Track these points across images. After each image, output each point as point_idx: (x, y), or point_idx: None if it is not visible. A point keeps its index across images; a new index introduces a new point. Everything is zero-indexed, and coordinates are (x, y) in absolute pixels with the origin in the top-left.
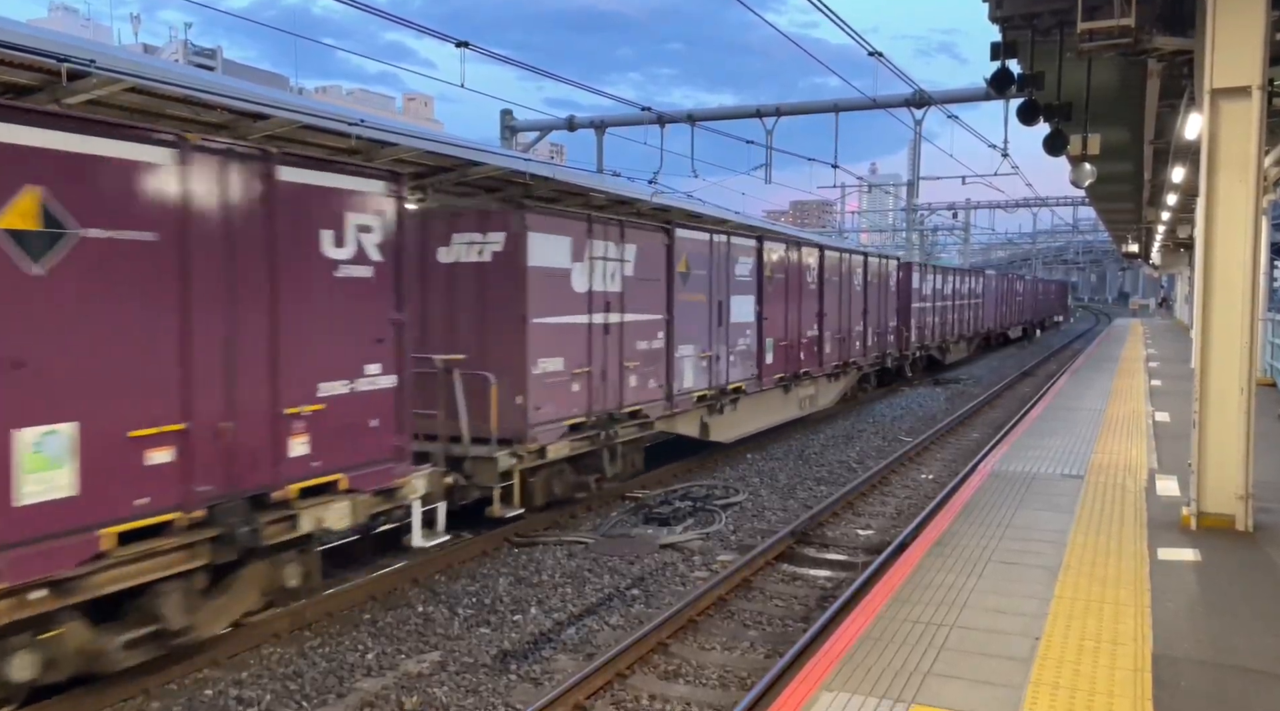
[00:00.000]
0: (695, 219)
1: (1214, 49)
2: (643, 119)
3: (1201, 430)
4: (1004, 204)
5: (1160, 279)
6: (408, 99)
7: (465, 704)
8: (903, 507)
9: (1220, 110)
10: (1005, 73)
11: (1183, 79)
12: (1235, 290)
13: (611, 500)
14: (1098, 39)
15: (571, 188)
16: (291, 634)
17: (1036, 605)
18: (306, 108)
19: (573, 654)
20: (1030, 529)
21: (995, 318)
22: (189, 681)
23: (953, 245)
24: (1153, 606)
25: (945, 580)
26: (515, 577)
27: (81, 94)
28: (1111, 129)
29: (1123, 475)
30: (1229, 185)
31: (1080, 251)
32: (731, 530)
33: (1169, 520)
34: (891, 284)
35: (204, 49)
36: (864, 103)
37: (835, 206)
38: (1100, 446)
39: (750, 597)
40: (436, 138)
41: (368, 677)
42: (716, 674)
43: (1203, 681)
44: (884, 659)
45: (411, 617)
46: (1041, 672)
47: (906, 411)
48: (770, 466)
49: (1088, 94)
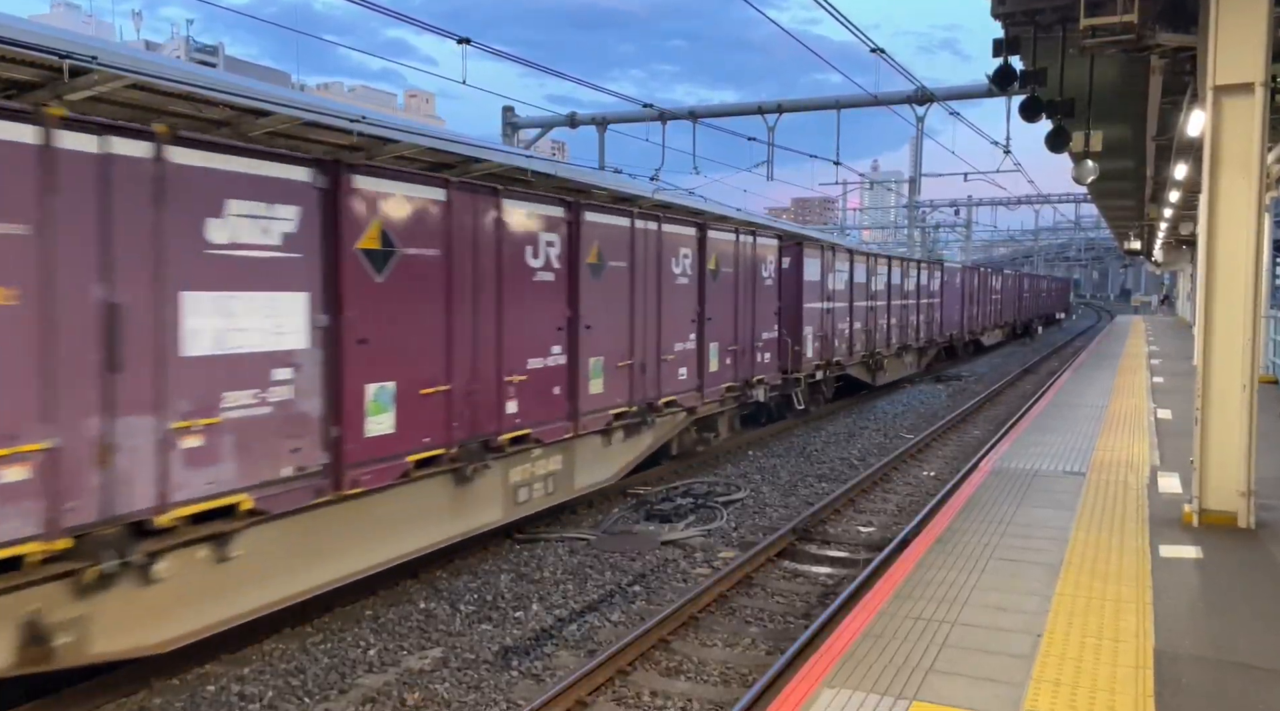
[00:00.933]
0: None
1: (1217, 45)
2: (644, 116)
3: (1204, 427)
4: (1006, 201)
5: (1162, 276)
6: (409, 96)
7: (467, 700)
8: (904, 504)
9: (1223, 107)
10: (1008, 69)
11: (1185, 75)
12: (1238, 287)
13: (613, 497)
14: (1100, 35)
15: (572, 184)
16: (294, 629)
17: (1038, 602)
18: (309, 104)
19: (574, 650)
20: (1032, 526)
21: (962, 321)
22: (191, 676)
23: (955, 242)
24: (1154, 603)
25: (947, 577)
26: (516, 574)
27: (83, 90)
28: (1114, 125)
29: (1124, 472)
30: (1231, 182)
31: (1082, 248)
32: (733, 527)
33: (1171, 517)
34: (767, 274)
35: (205, 46)
36: (866, 99)
37: (837, 203)
38: (1102, 443)
39: (752, 594)
40: (438, 134)
41: (370, 673)
42: (718, 670)
43: (1204, 678)
44: (885, 656)
45: (413, 614)
46: (1043, 669)
47: (908, 408)
48: (772, 463)
49: (1090, 90)
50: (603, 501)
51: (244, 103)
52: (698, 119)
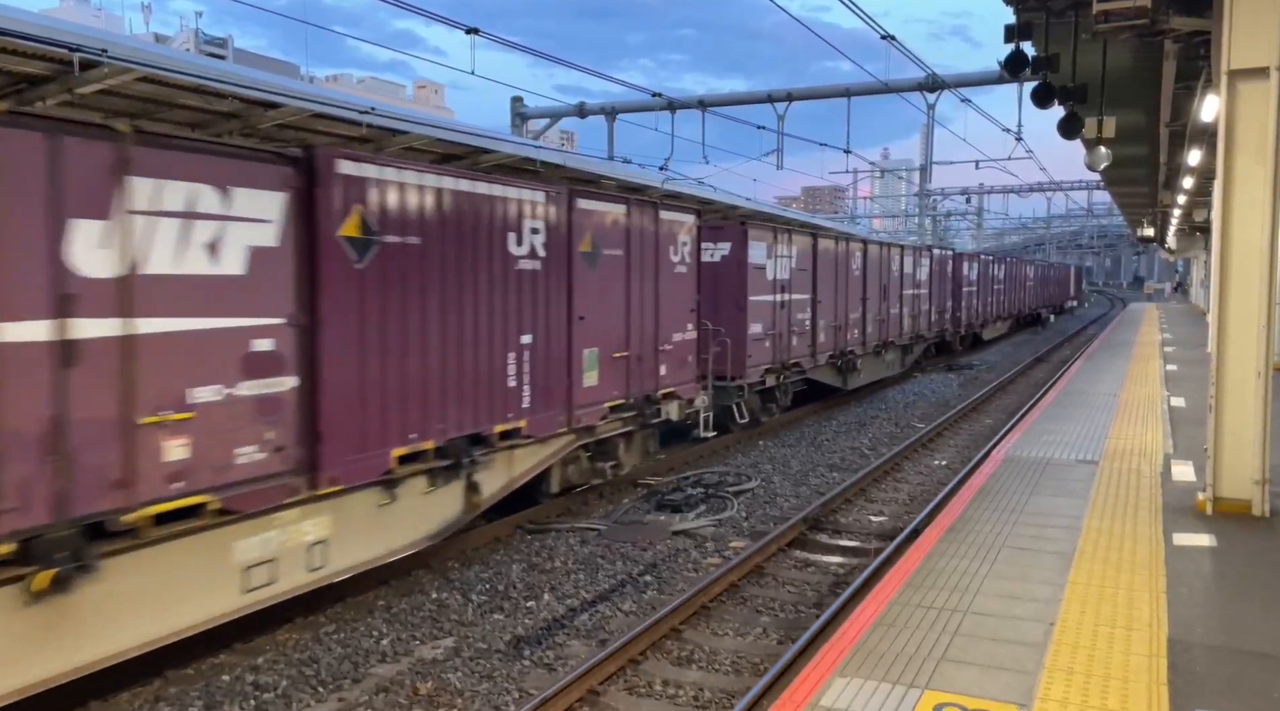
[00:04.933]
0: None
1: (1231, 29)
2: (653, 105)
3: (1218, 415)
4: (1018, 188)
5: (1175, 263)
6: (418, 87)
7: (479, 689)
8: (915, 494)
9: (1238, 92)
10: (1019, 55)
11: (1199, 60)
12: (1252, 274)
13: (623, 487)
14: (1113, 20)
15: (582, 174)
16: (306, 619)
17: (1051, 591)
18: (319, 96)
19: (585, 640)
20: (1044, 514)
21: (958, 313)
22: (206, 667)
23: (966, 230)
24: (1168, 591)
25: (959, 566)
26: (528, 564)
27: (94, 84)
28: (1127, 112)
29: (1138, 460)
30: (1246, 167)
31: (1095, 236)
32: (744, 516)
33: (1184, 505)
34: (678, 258)
35: (214, 38)
36: (876, 87)
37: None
38: (1115, 431)
39: (763, 584)
40: (447, 125)
41: (383, 663)
42: (729, 659)
43: (1218, 666)
44: (897, 644)
45: (425, 604)
46: (1056, 658)
47: (919, 397)
48: (783, 453)
49: (1103, 76)
50: (613, 492)
51: (253, 94)
52: (707, 108)
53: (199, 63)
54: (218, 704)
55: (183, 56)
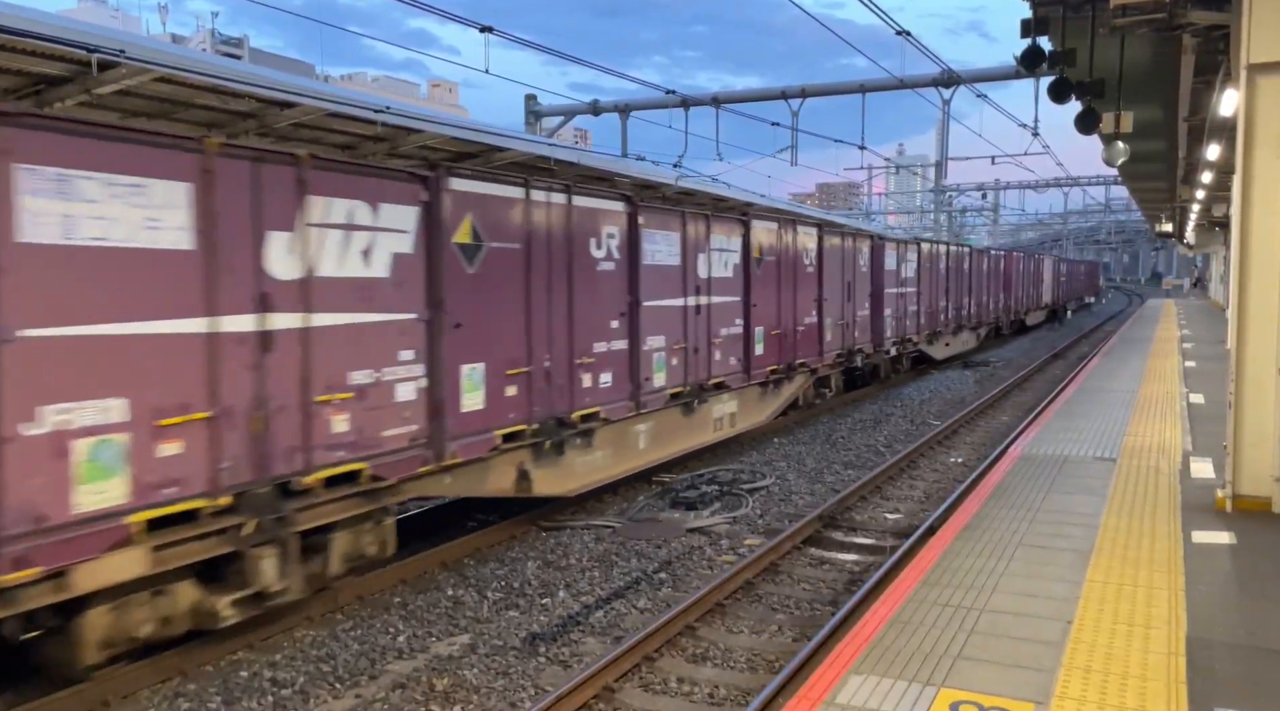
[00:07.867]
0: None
1: (1251, 23)
2: (667, 102)
3: (1237, 411)
4: (1034, 184)
5: (1194, 258)
6: (432, 85)
7: (495, 685)
8: (931, 491)
9: (1257, 86)
10: (1036, 50)
11: (1218, 54)
12: (1273, 269)
13: (638, 484)
14: (1131, 14)
15: (595, 172)
16: (324, 616)
17: (1068, 588)
18: (334, 95)
19: (601, 636)
20: (1061, 512)
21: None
22: (224, 663)
23: (982, 226)
24: (1187, 589)
25: (975, 564)
26: (543, 561)
27: (111, 84)
28: (1145, 106)
29: (1156, 457)
30: (1266, 162)
31: (1112, 231)
32: (759, 514)
33: (1203, 503)
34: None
35: (230, 38)
36: (891, 83)
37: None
38: (1133, 428)
39: (778, 581)
40: (461, 123)
41: (399, 660)
42: (744, 657)
43: (1237, 665)
44: (913, 642)
45: (441, 601)
46: (1073, 656)
47: (935, 394)
48: (797, 450)
49: (1120, 71)
50: (628, 489)
51: (269, 94)
52: (721, 105)
53: (215, 63)
54: (236, 700)
55: (199, 56)
